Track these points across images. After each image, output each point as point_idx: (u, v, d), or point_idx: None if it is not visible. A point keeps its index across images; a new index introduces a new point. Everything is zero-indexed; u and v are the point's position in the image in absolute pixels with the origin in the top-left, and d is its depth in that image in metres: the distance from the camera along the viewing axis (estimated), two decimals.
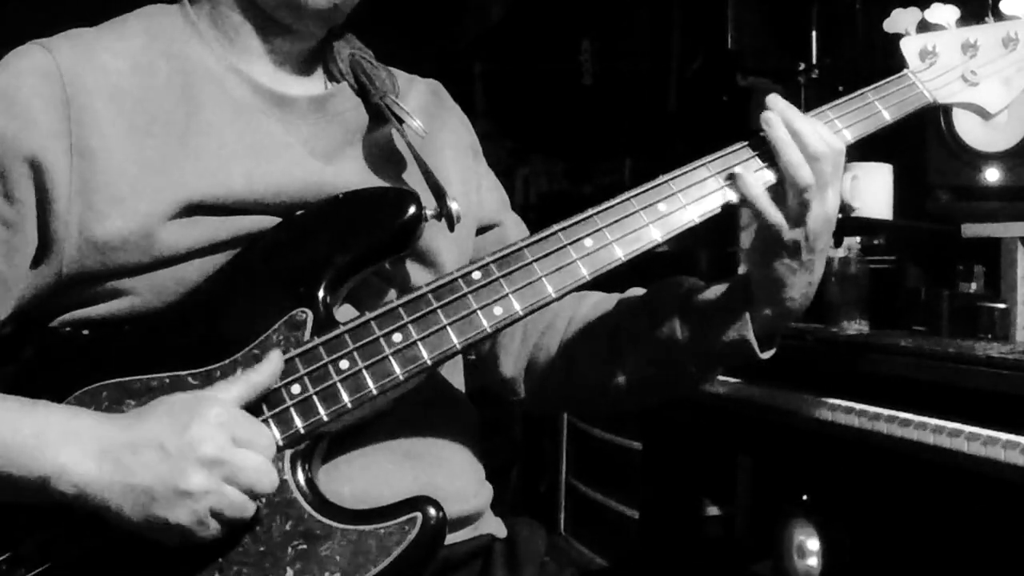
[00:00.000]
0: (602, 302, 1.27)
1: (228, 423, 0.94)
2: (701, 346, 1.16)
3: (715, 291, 1.18)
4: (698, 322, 1.16)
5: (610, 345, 1.23)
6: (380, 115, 1.16)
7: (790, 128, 1.08)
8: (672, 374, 1.20)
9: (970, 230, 1.78)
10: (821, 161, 1.07)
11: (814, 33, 2.48)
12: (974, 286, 1.79)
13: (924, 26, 1.24)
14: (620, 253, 1.07)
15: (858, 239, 2.00)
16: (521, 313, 1.04)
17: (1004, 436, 1.33)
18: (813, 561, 1.96)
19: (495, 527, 1.23)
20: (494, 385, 1.32)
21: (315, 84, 1.19)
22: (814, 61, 2.45)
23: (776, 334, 1.16)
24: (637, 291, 1.26)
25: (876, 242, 2.04)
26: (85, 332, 1.05)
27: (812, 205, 1.07)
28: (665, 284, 1.23)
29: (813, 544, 1.96)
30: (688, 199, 1.09)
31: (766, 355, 1.15)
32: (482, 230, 1.29)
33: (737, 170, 1.10)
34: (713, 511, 2.44)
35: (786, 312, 1.13)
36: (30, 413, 0.95)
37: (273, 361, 0.99)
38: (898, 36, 1.24)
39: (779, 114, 1.09)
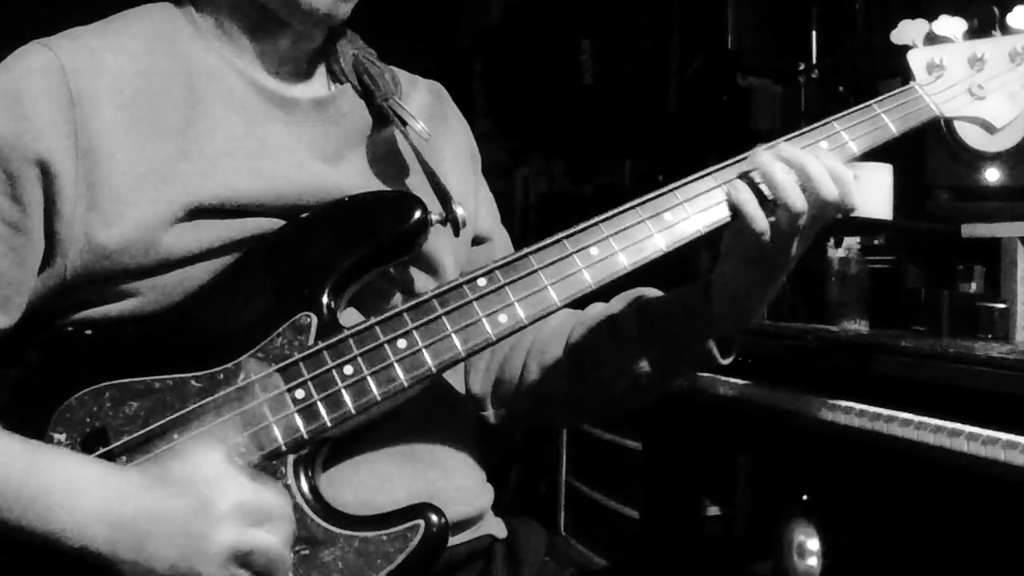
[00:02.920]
0: (565, 320, 1.27)
1: (247, 504, 0.92)
2: (662, 358, 1.17)
3: (674, 301, 1.18)
4: (658, 335, 1.17)
5: (572, 364, 1.23)
6: (383, 117, 1.16)
7: (805, 173, 1.06)
8: (636, 387, 1.20)
9: (970, 230, 1.78)
10: (827, 205, 1.07)
11: (814, 33, 2.48)
12: (974, 286, 1.79)
13: (931, 38, 1.23)
14: (625, 262, 1.06)
15: (858, 239, 2.00)
16: (526, 322, 1.03)
17: (1004, 436, 1.33)
18: (813, 561, 1.96)
19: (495, 528, 1.23)
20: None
21: (318, 85, 1.18)
22: (814, 61, 2.45)
23: (734, 339, 1.17)
24: (598, 306, 1.26)
25: (876, 242, 2.04)
26: (88, 332, 1.04)
27: (801, 236, 1.08)
28: (624, 298, 1.23)
29: (813, 544, 1.96)
30: (694, 209, 1.09)
31: (726, 361, 1.16)
32: (474, 242, 1.29)
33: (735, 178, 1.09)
34: (713, 511, 2.44)
35: (746, 322, 1.15)
36: (40, 464, 0.94)
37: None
38: (904, 49, 1.24)
39: (790, 159, 1.07)
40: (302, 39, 1.14)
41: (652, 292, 1.24)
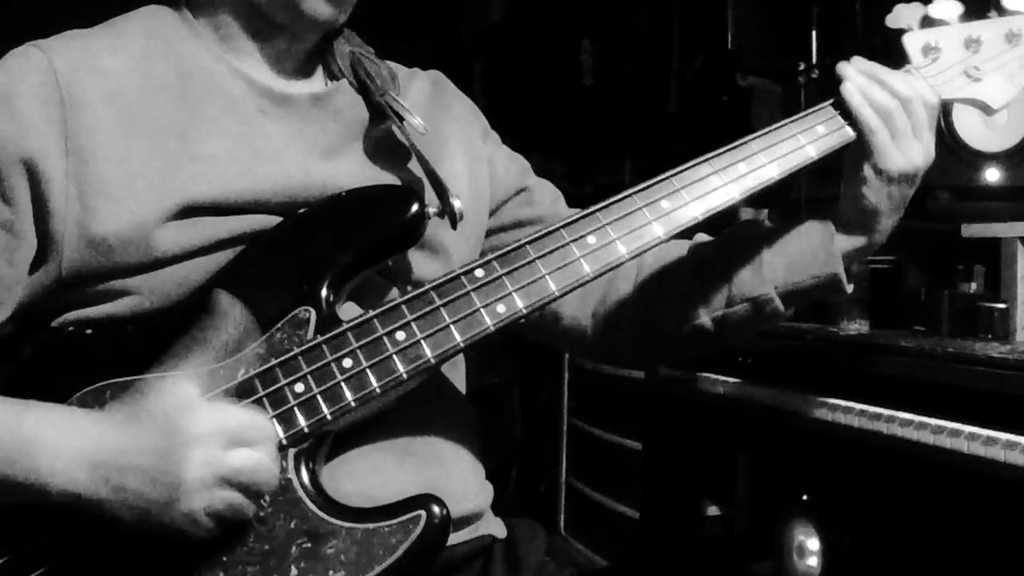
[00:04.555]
0: (674, 245, 1.26)
1: (217, 430, 0.93)
2: (789, 282, 1.17)
3: (799, 230, 1.19)
4: (786, 260, 1.18)
5: (691, 284, 1.22)
6: (381, 113, 1.16)
7: (875, 78, 1.14)
8: (756, 312, 1.19)
9: (970, 230, 1.78)
10: (913, 102, 1.13)
11: (814, 33, 2.48)
12: (974, 286, 1.79)
13: (927, 22, 1.24)
14: (623, 250, 1.07)
15: None
16: (524, 311, 1.04)
17: (1004, 436, 1.33)
18: (813, 561, 1.96)
19: (495, 527, 1.23)
20: (554, 330, 1.30)
21: (315, 82, 1.18)
22: (814, 61, 2.45)
23: (851, 270, 1.20)
24: (704, 237, 1.26)
25: None
26: (88, 331, 1.05)
27: (908, 143, 1.13)
28: (745, 225, 1.25)
29: (813, 544, 1.96)
30: (691, 196, 1.10)
31: (849, 288, 1.19)
32: (508, 199, 1.29)
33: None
34: (713, 511, 2.44)
35: (873, 245, 1.18)
36: (25, 417, 0.95)
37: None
38: (900, 32, 1.24)
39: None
40: (298, 40, 1.15)
41: (768, 222, 1.27)
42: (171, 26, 1.13)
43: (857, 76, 1.15)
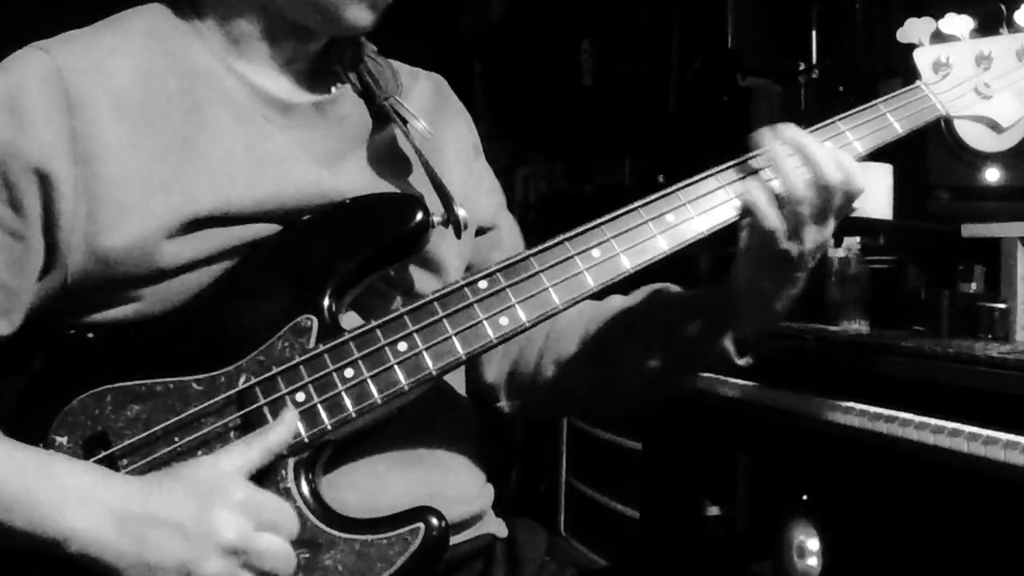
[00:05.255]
0: (581, 313, 1.26)
1: (252, 505, 0.93)
2: (678, 357, 1.18)
3: (693, 300, 1.19)
4: (675, 334, 1.17)
5: (591, 356, 1.23)
6: (384, 116, 1.15)
7: (805, 155, 1.07)
8: (652, 383, 1.21)
9: (970, 230, 1.78)
10: (831, 190, 1.07)
11: (814, 33, 2.49)
12: (974, 286, 1.79)
13: (938, 36, 1.23)
14: (627, 264, 1.06)
15: (858, 239, 2.00)
16: (528, 324, 1.03)
17: (1004, 436, 1.33)
18: (813, 561, 1.96)
19: (496, 527, 1.24)
20: (476, 390, 1.31)
21: (318, 87, 1.17)
22: (814, 61, 2.45)
23: (753, 342, 1.17)
24: (617, 299, 1.26)
25: (876, 242, 2.04)
26: (90, 335, 1.04)
27: (808, 226, 1.07)
28: (643, 293, 1.24)
29: (813, 544, 1.96)
30: (697, 210, 1.09)
31: (742, 362, 1.16)
32: (478, 232, 1.28)
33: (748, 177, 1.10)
34: (713, 511, 2.45)
35: (766, 324, 1.15)
36: (46, 471, 0.94)
37: (288, 422, 0.98)
38: (911, 46, 1.23)
39: (791, 140, 1.08)
40: (309, 45, 1.13)
41: (672, 288, 1.23)
42: (171, 27, 1.11)
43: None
